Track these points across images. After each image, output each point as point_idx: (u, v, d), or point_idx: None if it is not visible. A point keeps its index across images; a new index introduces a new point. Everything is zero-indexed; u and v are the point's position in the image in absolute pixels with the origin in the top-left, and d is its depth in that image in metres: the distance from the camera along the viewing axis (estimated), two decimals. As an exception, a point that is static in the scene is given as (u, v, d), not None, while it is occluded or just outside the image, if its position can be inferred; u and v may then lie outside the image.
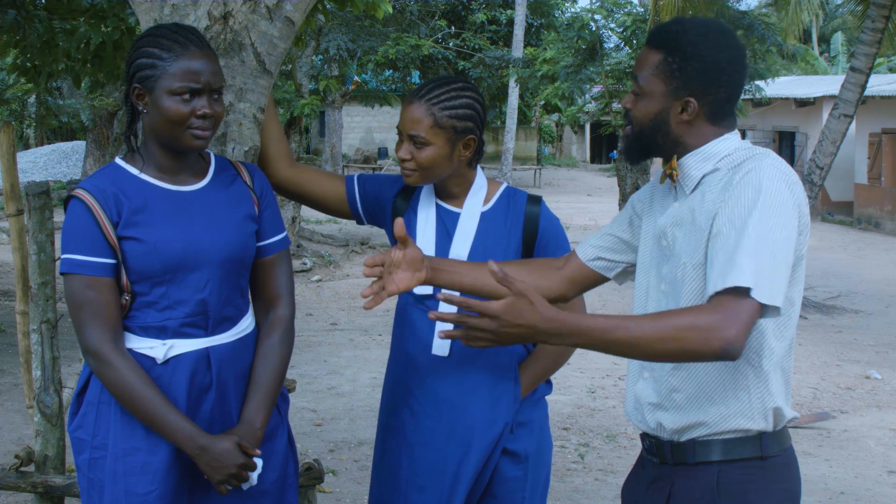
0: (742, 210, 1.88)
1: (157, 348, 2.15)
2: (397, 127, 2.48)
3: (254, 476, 2.15)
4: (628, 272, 2.28)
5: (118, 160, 2.22)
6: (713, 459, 1.99)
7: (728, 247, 1.85)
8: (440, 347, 2.45)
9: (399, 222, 2.19)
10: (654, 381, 2.08)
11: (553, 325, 1.82)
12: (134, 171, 2.19)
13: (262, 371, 2.25)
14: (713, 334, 1.77)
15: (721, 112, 2.04)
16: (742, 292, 1.80)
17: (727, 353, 1.79)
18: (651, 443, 2.10)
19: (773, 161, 1.95)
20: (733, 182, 1.94)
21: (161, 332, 2.15)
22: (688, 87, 1.99)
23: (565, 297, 2.30)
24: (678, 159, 2.05)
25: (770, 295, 1.81)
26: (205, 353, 2.18)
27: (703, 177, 2.03)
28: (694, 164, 2.04)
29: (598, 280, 2.30)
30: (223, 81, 2.19)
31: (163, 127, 2.12)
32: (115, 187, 2.14)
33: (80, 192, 2.13)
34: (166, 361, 2.15)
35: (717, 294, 1.83)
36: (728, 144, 2.03)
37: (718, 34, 2.03)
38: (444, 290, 1.86)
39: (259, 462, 2.16)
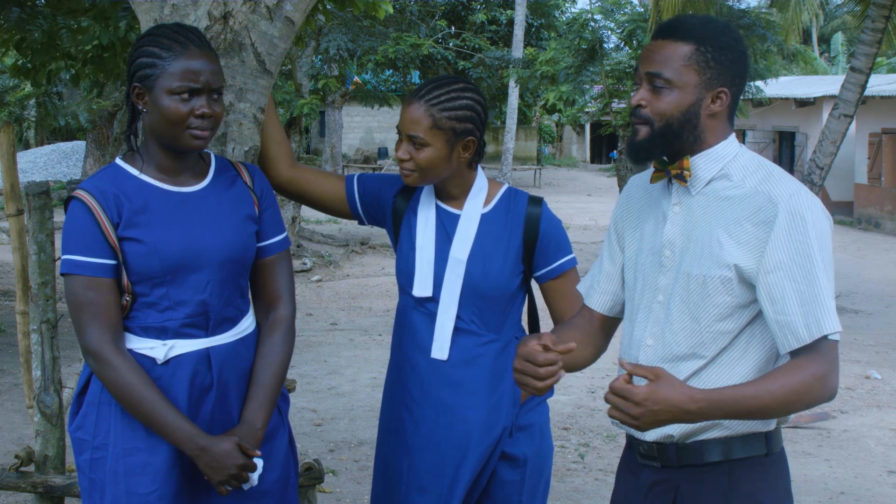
0: (802, 247, 1.90)
1: (158, 349, 2.15)
2: (397, 126, 2.47)
3: (254, 477, 2.15)
4: None
5: (118, 161, 2.22)
6: (723, 459, 1.98)
7: (804, 290, 1.89)
8: (439, 351, 2.44)
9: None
10: None
11: (699, 405, 1.84)
12: (134, 171, 2.18)
13: (263, 371, 2.25)
14: (827, 383, 1.88)
15: (736, 106, 2.04)
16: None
17: (832, 398, 1.91)
18: (650, 447, 2.06)
19: (801, 185, 1.97)
20: (772, 209, 1.92)
21: (162, 333, 2.15)
22: (720, 77, 1.98)
23: (603, 349, 2.29)
24: (686, 158, 2.02)
25: (839, 328, 1.92)
26: (205, 354, 2.18)
27: (712, 179, 2.00)
28: (703, 164, 2.01)
29: (620, 322, 2.27)
30: (223, 81, 2.19)
31: (162, 126, 2.12)
32: (115, 188, 2.14)
33: (80, 193, 2.13)
34: (167, 362, 2.15)
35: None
36: (733, 147, 2.03)
37: (733, 28, 2.05)
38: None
39: (259, 462, 2.16)
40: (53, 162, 21.99)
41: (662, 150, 2.01)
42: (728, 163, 2.00)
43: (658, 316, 2.05)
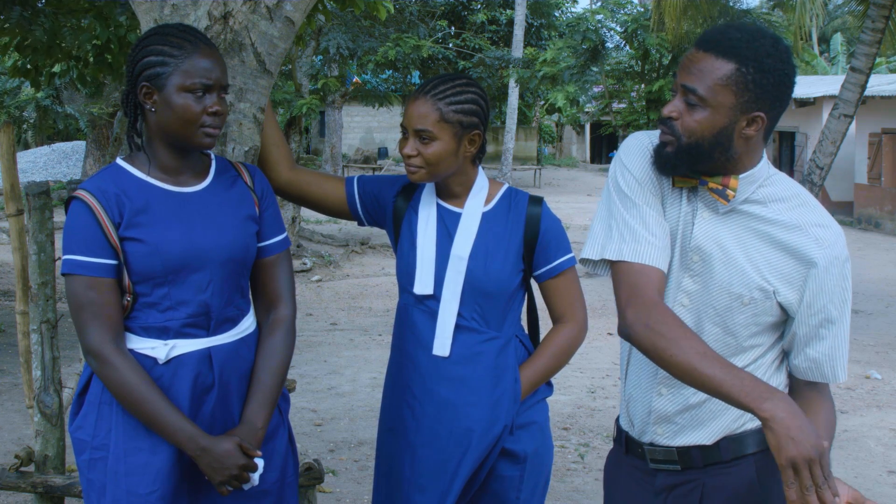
0: (842, 292, 1.99)
1: (159, 348, 2.15)
2: (402, 125, 2.47)
3: (255, 477, 2.15)
4: None
5: (119, 161, 2.22)
6: (749, 452, 2.00)
7: (836, 337, 2.01)
8: (441, 348, 2.45)
9: None
10: (673, 396, 2.07)
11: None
12: (136, 171, 2.19)
13: (264, 371, 2.25)
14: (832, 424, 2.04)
15: (773, 129, 1.98)
16: None
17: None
18: (668, 452, 2.06)
19: (833, 221, 2.02)
20: (815, 251, 1.95)
21: (163, 333, 2.15)
22: (759, 101, 1.89)
23: None
24: (730, 177, 1.97)
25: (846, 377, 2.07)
26: (206, 354, 2.18)
27: (745, 200, 1.99)
28: (742, 188, 1.97)
29: None
30: (228, 83, 2.20)
31: (174, 125, 2.12)
32: (116, 188, 2.14)
33: (81, 193, 2.13)
34: (168, 361, 2.15)
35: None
36: (765, 169, 2.00)
37: (783, 47, 1.92)
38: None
39: (260, 463, 2.16)
40: (53, 162, 21.99)
41: (689, 166, 1.95)
42: (760, 185, 1.98)
43: (684, 319, 2.02)
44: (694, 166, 1.94)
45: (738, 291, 1.97)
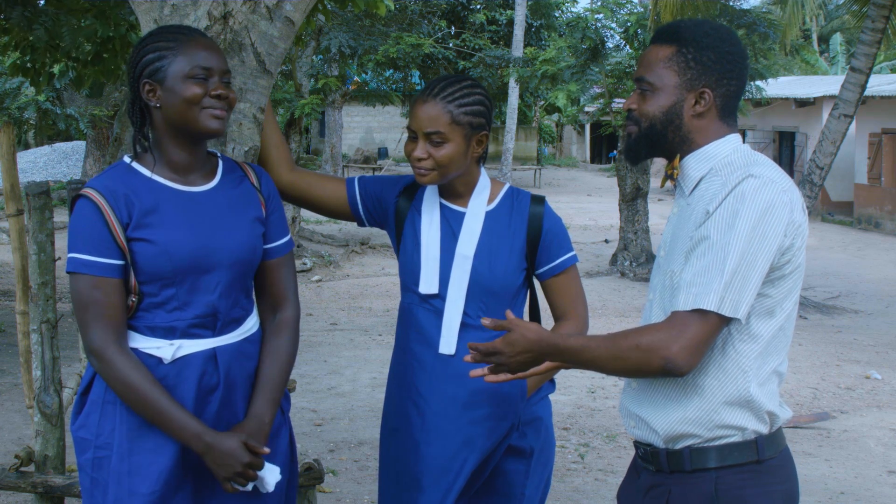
0: (730, 219, 1.89)
1: (165, 348, 2.14)
2: (408, 127, 2.47)
3: (268, 480, 2.15)
4: None
5: (127, 160, 2.21)
6: (710, 466, 1.99)
7: (708, 261, 1.89)
8: (447, 346, 2.45)
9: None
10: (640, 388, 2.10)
11: (542, 346, 1.96)
12: (144, 171, 2.18)
13: (270, 370, 2.25)
14: (660, 353, 1.87)
15: (729, 107, 2.05)
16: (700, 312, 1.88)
17: (668, 370, 1.88)
18: (646, 451, 2.09)
19: (762, 178, 1.92)
20: (723, 192, 1.92)
21: (169, 333, 2.15)
22: (702, 77, 2.00)
23: None
24: (680, 159, 2.06)
25: (716, 306, 1.87)
26: (212, 354, 2.18)
27: (701, 178, 2.03)
28: (694, 164, 2.04)
29: None
30: (229, 69, 2.20)
31: (179, 110, 2.12)
32: (126, 188, 2.14)
33: (89, 192, 2.12)
34: (173, 361, 2.15)
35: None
36: (728, 146, 2.03)
37: (726, 30, 2.06)
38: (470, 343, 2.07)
39: (276, 469, 2.17)
40: (53, 162, 21.97)
41: (648, 150, 2.07)
42: (718, 162, 2.02)
43: (647, 313, 2.11)
44: (653, 148, 2.07)
45: (673, 268, 2.00)
